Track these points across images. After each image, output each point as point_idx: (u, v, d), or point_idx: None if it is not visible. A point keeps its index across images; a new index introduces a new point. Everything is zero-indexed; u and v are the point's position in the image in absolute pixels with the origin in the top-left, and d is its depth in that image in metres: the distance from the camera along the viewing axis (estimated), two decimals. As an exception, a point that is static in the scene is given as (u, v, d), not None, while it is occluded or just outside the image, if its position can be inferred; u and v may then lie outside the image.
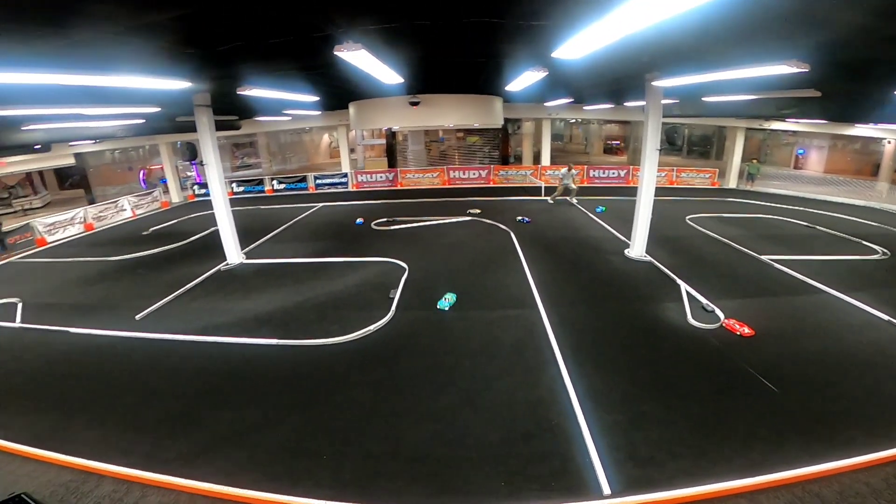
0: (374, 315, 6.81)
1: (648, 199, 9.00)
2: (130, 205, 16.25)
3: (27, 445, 4.37)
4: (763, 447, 4.01)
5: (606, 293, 7.58)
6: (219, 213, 9.57)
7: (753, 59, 5.34)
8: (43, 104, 6.85)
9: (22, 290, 8.65)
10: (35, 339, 6.67)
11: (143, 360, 5.91)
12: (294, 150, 29.67)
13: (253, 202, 17.50)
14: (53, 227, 13.21)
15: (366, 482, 3.80)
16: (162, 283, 8.59)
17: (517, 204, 15.35)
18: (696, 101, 11.50)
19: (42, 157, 16.27)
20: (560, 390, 4.92)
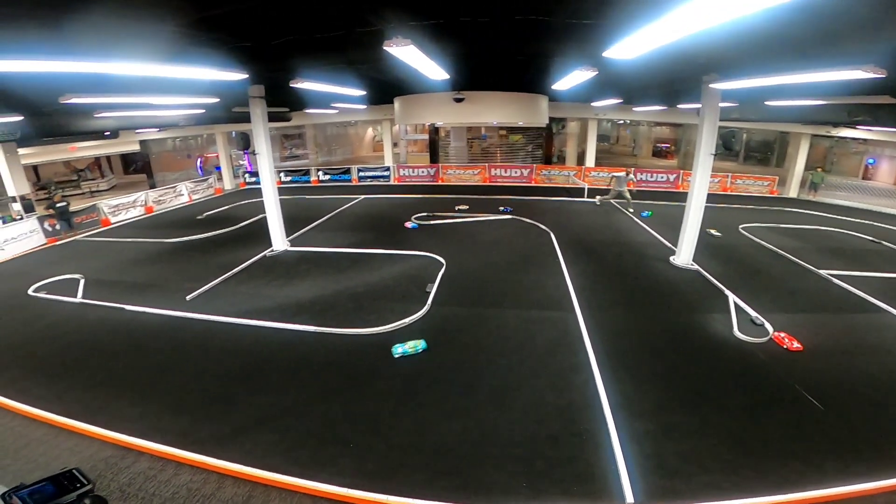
0: (409, 308, 6.89)
1: (699, 205, 8.59)
2: (188, 190, 17.20)
3: (77, 420, 4.58)
4: (800, 465, 3.83)
5: (647, 300, 7.32)
6: (267, 202, 10.00)
7: (824, 63, 4.96)
8: (116, 93, 7.37)
9: (85, 267, 9.31)
10: (93, 315, 7.12)
11: (189, 340, 6.21)
12: (339, 143, 30.45)
13: (299, 191, 18.08)
14: (117, 209, 14.16)
15: (389, 473, 3.84)
16: (212, 266, 9.07)
17: (559, 204, 15.08)
18: (758, 104, 10.81)
19: (110, 143, 17.63)
20: (591, 395, 4.82)
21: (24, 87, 6.02)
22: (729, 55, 5.29)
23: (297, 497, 3.63)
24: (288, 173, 20.30)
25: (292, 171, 20.49)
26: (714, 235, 6.97)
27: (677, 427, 4.33)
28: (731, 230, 11.80)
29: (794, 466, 3.82)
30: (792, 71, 5.44)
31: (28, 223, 11.40)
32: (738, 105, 11.24)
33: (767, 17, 2.62)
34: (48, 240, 11.70)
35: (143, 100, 8.31)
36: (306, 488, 3.68)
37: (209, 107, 10.75)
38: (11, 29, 3.27)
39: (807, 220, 13.47)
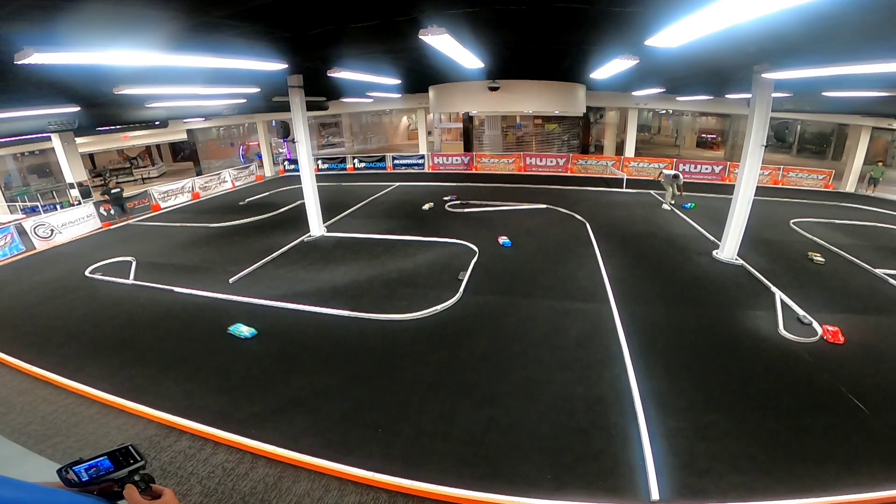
0: (442, 295, 6.97)
1: (747, 198, 8.17)
2: (231, 177, 17.93)
3: (124, 398, 4.80)
4: (838, 469, 3.68)
5: (686, 294, 7.09)
6: (306, 188, 10.31)
7: (887, 53, 4.58)
8: (165, 84, 7.76)
9: (136, 250, 9.91)
10: (144, 296, 7.52)
11: (232, 322, 6.40)
12: (374, 131, 30.80)
13: (335, 179, 18.47)
14: (166, 195, 14.97)
15: (415, 459, 3.89)
16: (253, 251, 9.48)
17: (596, 195, 14.73)
18: (814, 95, 10.11)
19: (159, 133, 18.60)
20: (623, 389, 4.74)
21: (80, 79, 6.35)
22: (784, 43, 4.96)
23: (325, 479, 3.73)
24: (325, 161, 20.78)
25: (329, 159, 20.95)
26: (816, 261, 6.56)
27: (711, 426, 4.21)
28: (782, 225, 11.17)
29: (830, 469, 3.69)
30: (851, 61, 5.06)
31: (84, 208, 12.19)
32: (793, 95, 10.55)
33: (823, 3, 2.45)
34: (103, 224, 12.50)
35: (190, 90, 8.71)
36: (334, 471, 3.78)
37: (250, 96, 11.14)
38: (70, 22, 3.48)
39: (864, 216, 12.54)
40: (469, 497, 3.50)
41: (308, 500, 3.52)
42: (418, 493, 3.57)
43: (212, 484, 3.70)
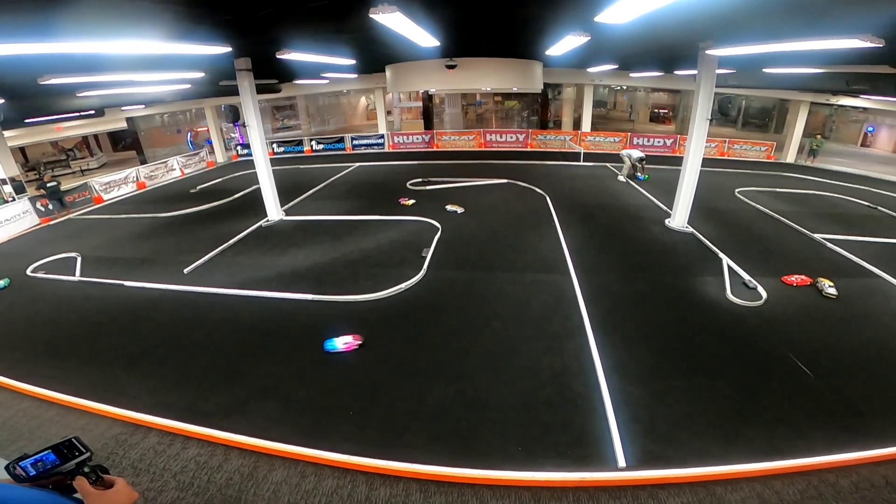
0: (406, 273, 6.96)
1: (694, 169, 8.61)
2: (179, 165, 16.96)
3: (84, 399, 4.60)
4: (788, 432, 3.90)
5: (642, 262, 7.41)
6: (260, 172, 9.94)
7: (822, 32, 4.83)
8: (97, 72, 7.14)
9: (81, 245, 9.27)
10: (93, 293, 7.09)
11: (190, 314, 6.23)
12: (332, 113, 29.96)
13: (292, 162, 17.88)
14: (109, 186, 14.00)
15: (389, 439, 3.92)
16: (208, 239, 9.07)
17: (555, 169, 15.04)
18: (756, 72, 10.60)
19: (96, 122, 17.27)
20: (586, 359, 4.89)
21: (0, 71, 5.79)
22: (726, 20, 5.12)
23: (300, 466, 3.71)
24: (280, 144, 20.06)
25: (285, 142, 20.25)
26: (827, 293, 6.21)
27: (669, 392, 4.39)
28: (728, 194, 11.83)
29: (782, 432, 3.89)
30: (789, 39, 5.31)
31: (20, 204, 11.27)
32: (736, 72, 11.04)
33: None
34: (42, 220, 11.61)
35: (125, 77, 8.07)
36: (309, 457, 3.77)
37: (195, 81, 10.47)
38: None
39: (803, 185, 13.47)
40: (443, 473, 3.55)
41: (286, 488, 3.49)
42: (394, 473, 3.59)
43: (186, 478, 3.62)
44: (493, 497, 3.37)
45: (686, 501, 3.29)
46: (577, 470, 3.53)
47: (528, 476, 3.50)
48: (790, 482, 3.45)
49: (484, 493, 3.40)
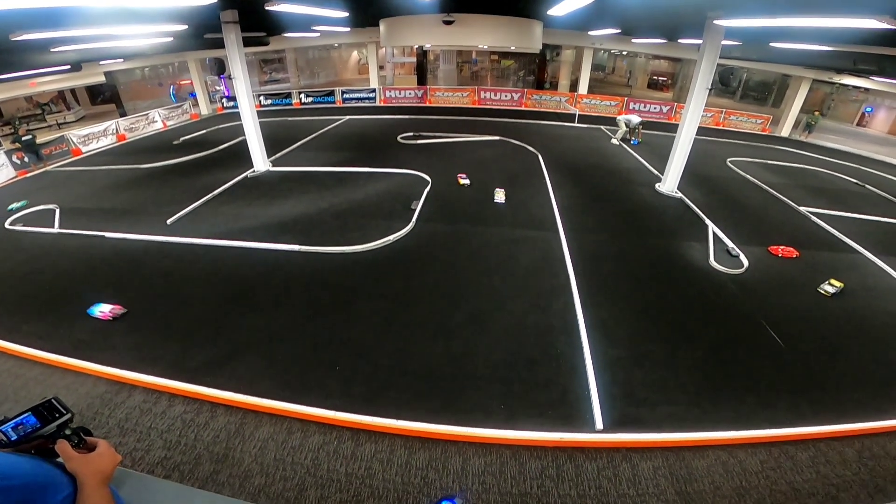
0: (394, 225, 6.90)
1: (689, 136, 8.57)
2: (161, 117, 16.34)
3: (68, 356, 4.46)
4: (755, 402, 4.00)
5: (630, 224, 7.44)
6: (246, 124, 9.62)
7: (838, 9, 4.64)
8: (71, 26, 6.62)
9: (59, 197, 8.86)
10: (73, 245, 6.83)
11: (174, 265, 6.08)
12: (322, 66, 28.90)
13: (280, 114, 17.31)
14: (87, 139, 13.46)
15: (374, 395, 3.93)
16: (191, 190, 8.80)
17: (548, 128, 14.81)
18: (762, 45, 10.33)
19: (73, 77, 16.45)
20: (570, 318, 4.93)
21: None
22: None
23: (287, 422, 3.71)
24: (268, 97, 19.39)
25: (273, 94, 19.56)
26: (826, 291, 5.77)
27: (648, 356, 4.45)
28: (719, 163, 11.80)
29: (750, 402, 3.98)
30: (802, 14, 5.09)
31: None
32: (742, 44, 10.76)
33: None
34: (18, 172, 11.17)
35: (103, 32, 7.53)
36: (296, 412, 3.77)
37: (178, 35, 9.87)
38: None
39: (795, 158, 13.47)
40: (427, 430, 3.60)
41: (273, 444, 3.51)
42: (379, 429, 3.63)
43: (173, 437, 3.59)
44: (475, 454, 3.44)
45: (657, 465, 3.40)
46: (557, 430, 3.60)
47: (510, 434, 3.57)
48: (753, 452, 3.56)
49: (466, 450, 3.47)
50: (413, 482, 3.23)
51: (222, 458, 3.41)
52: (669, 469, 3.38)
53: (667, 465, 3.41)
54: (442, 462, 3.37)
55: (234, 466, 3.34)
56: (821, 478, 3.38)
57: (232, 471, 3.31)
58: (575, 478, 3.28)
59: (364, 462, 3.37)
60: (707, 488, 3.25)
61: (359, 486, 3.20)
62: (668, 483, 3.27)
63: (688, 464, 3.43)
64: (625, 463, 3.41)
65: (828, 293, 5.72)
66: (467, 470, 3.32)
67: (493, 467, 3.34)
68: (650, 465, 3.39)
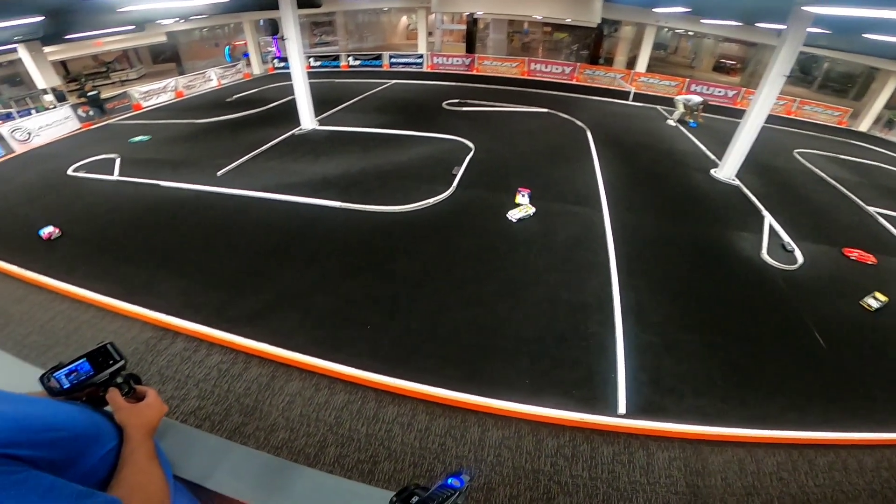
0: (434, 189, 6.90)
1: (756, 123, 7.99)
2: (217, 76, 16.85)
3: (119, 300, 4.64)
4: (785, 403, 3.82)
5: (678, 208, 7.09)
6: (296, 82, 9.78)
7: None
8: None
9: (120, 148, 9.35)
10: (131, 192, 7.20)
11: (221, 215, 6.31)
12: (371, 30, 28.83)
13: (328, 76, 17.44)
14: (148, 94, 14.12)
15: (401, 357, 3.95)
16: (241, 144, 9.09)
17: (600, 104, 14.14)
18: (854, 36, 9.31)
19: (136, 37, 17.68)
20: (605, 298, 4.79)
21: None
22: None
23: (315, 378, 3.79)
24: (318, 58, 19.57)
25: (322, 56, 19.72)
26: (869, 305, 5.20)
27: (680, 345, 4.28)
28: (786, 153, 10.93)
29: (780, 401, 3.80)
30: None
31: (62, 111, 11.59)
32: (831, 33, 9.74)
33: None
34: (83, 124, 11.89)
35: None
36: (324, 369, 3.84)
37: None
38: None
39: (871, 155, 12.24)
40: (450, 397, 3.61)
41: (300, 399, 3.60)
42: (403, 392, 3.66)
43: (208, 387, 3.72)
44: (494, 426, 3.44)
45: (673, 456, 3.33)
46: (578, 410, 3.55)
47: (531, 410, 3.54)
48: (772, 452, 3.44)
49: (486, 421, 3.47)
50: (430, 448, 3.27)
51: (251, 410, 3.51)
52: (685, 461, 3.30)
53: (683, 456, 3.33)
54: (461, 430, 3.40)
55: (261, 419, 3.44)
56: (833, 484, 3.24)
57: (259, 423, 3.41)
58: (589, 460, 3.25)
59: (385, 424, 3.43)
60: (718, 484, 3.18)
61: (377, 447, 3.26)
62: (681, 475, 3.21)
63: (704, 458, 3.34)
64: (641, 450, 3.35)
65: (871, 307, 5.17)
66: (485, 441, 3.33)
67: (511, 441, 3.35)
68: (666, 456, 3.33)
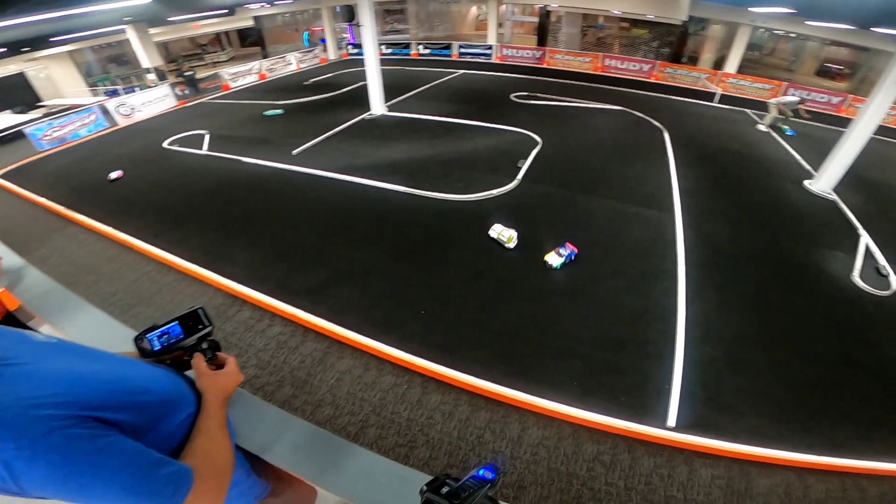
0: (499, 181, 6.84)
1: (864, 133, 7.07)
2: (296, 60, 17.82)
3: (198, 265, 5.01)
4: (852, 432, 3.45)
5: (762, 219, 6.50)
6: (369, 69, 10.07)
7: None
8: None
9: (209, 124, 10.32)
10: (215, 165, 7.92)
11: (292, 192, 6.73)
12: (441, 20, 29.15)
13: (398, 63, 17.81)
14: (236, 76, 15.33)
15: (452, 345, 3.94)
16: (315, 126, 9.59)
17: (680, 105, 13.26)
18: None
19: (227, 20, 19.31)
20: (670, 307, 4.53)
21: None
22: None
23: (366, 358, 3.88)
24: (389, 46, 20.05)
25: (393, 44, 20.18)
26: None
27: (748, 363, 3.99)
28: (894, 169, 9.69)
29: (846, 430, 3.48)
30: None
31: (161, 89, 12.90)
32: None
33: None
34: (179, 102, 13.17)
35: None
36: (375, 350, 3.92)
37: None
38: None
39: None
40: (494, 391, 3.57)
41: (348, 378, 3.70)
42: (449, 381, 3.66)
43: (266, 356, 3.89)
44: (535, 424, 3.38)
45: (717, 474, 3.12)
46: (625, 418, 3.41)
47: (575, 412, 3.43)
48: (823, 479, 3.16)
49: (528, 419, 3.41)
50: (468, 439, 3.26)
51: (302, 383, 3.65)
52: (728, 481, 3.09)
53: (727, 475, 3.12)
54: (501, 425, 3.37)
55: (310, 394, 3.57)
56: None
57: (308, 398, 3.54)
58: (627, 469, 3.11)
59: (427, 411, 3.45)
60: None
61: (416, 432, 3.29)
62: (721, 494, 3.01)
63: (750, 479, 3.11)
64: (684, 465, 3.16)
65: None
66: (523, 438, 3.28)
67: (550, 441, 3.27)
68: (709, 473, 3.12)
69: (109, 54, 19.39)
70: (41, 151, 9.64)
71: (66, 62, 15.82)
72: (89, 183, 7.72)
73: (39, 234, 6.15)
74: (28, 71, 14.55)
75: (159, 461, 0.85)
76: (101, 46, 18.25)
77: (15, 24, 6.90)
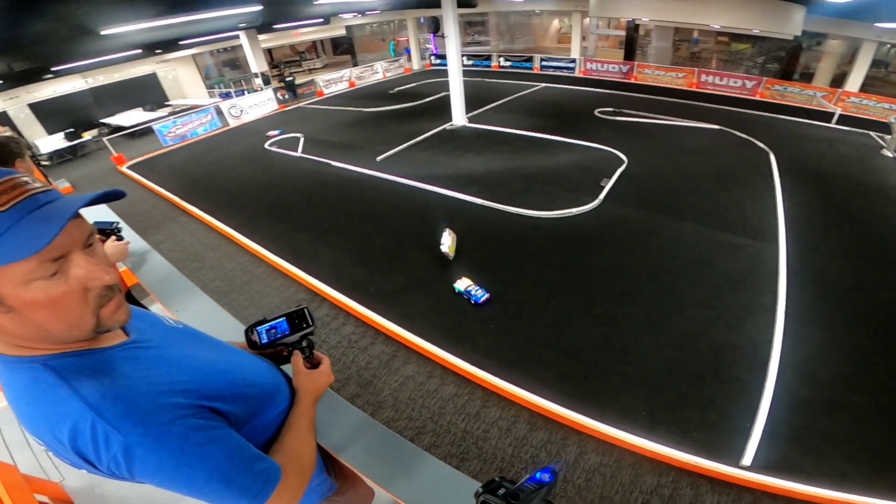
0: (580, 199, 6.67)
1: None
2: (382, 69, 18.86)
3: (286, 261, 5.34)
4: None
5: (884, 257, 5.68)
6: (452, 80, 10.30)
7: None
8: None
9: (304, 128, 11.30)
10: (307, 167, 8.66)
11: (374, 197, 7.11)
12: (522, 32, 29.08)
13: (479, 75, 18.06)
14: (329, 83, 16.61)
15: (518, 361, 3.91)
16: (399, 134, 10.06)
17: (789, 125, 12.06)
18: None
19: (323, 29, 21.05)
20: (763, 343, 4.12)
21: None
22: None
23: (430, 365, 3.92)
24: (470, 57, 20.42)
25: (474, 56, 20.54)
26: None
27: (846, 406, 3.54)
28: None
29: None
30: None
31: (266, 93, 14.33)
32: None
33: None
34: (279, 106, 14.54)
35: None
36: (441, 358, 3.94)
37: None
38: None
39: None
40: (556, 412, 3.48)
41: (411, 384, 3.77)
42: (510, 397, 3.62)
43: (336, 354, 4.05)
44: (594, 450, 3.24)
45: None
46: (695, 453, 3.16)
47: (639, 441, 3.23)
48: None
49: (587, 444, 3.27)
50: (522, 458, 3.19)
51: (367, 383, 3.77)
52: None
53: None
54: (558, 447, 3.27)
55: (373, 395, 3.67)
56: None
57: (370, 398, 3.64)
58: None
59: (484, 424, 3.43)
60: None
61: (470, 445, 3.28)
62: None
63: None
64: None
65: None
66: (580, 463, 3.16)
67: (607, 469, 3.12)
68: None
69: (224, 59, 21.76)
70: (165, 147, 11.03)
71: (190, 65, 17.79)
72: (202, 177, 8.77)
73: (157, 221, 7.10)
74: (159, 71, 16.60)
75: (256, 457, 0.85)
76: (218, 51, 20.51)
77: (154, 26, 7.99)
